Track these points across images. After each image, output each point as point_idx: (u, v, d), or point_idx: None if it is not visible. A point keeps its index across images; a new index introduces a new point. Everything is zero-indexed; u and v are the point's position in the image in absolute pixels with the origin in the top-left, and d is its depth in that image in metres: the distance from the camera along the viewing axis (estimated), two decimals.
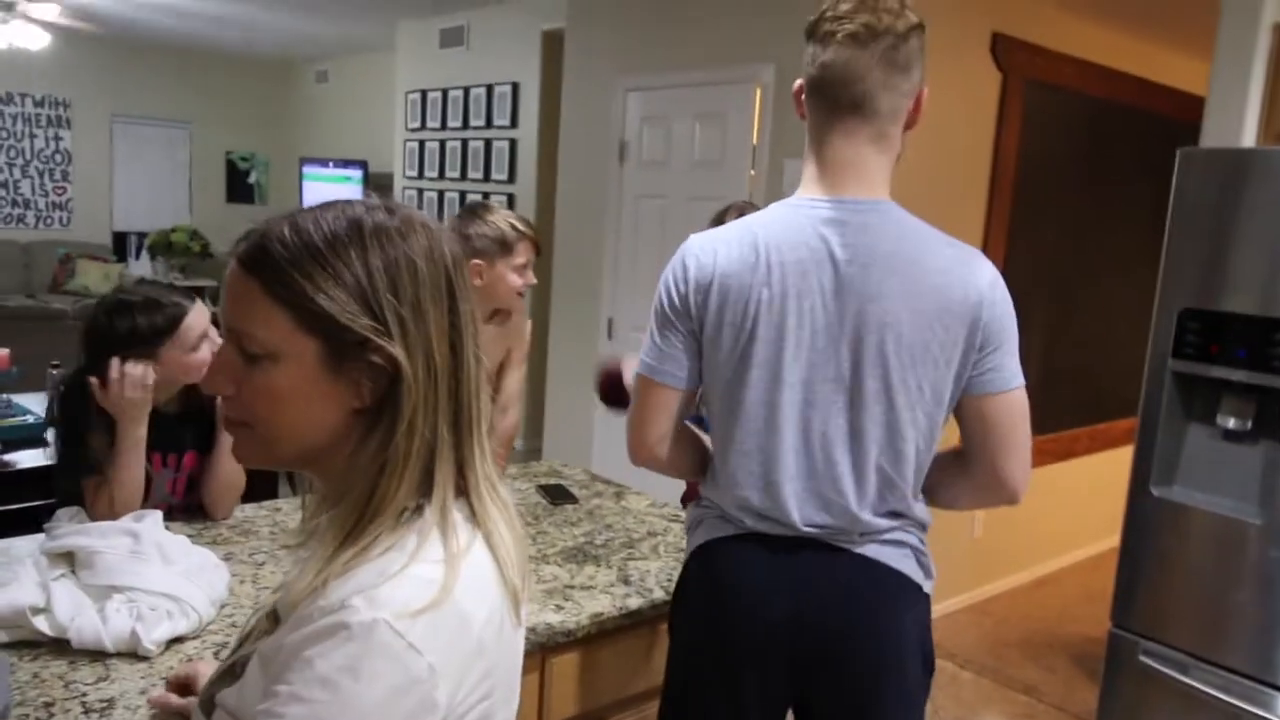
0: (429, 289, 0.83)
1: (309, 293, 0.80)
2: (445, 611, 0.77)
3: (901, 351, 1.34)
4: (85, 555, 1.49)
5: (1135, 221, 4.47)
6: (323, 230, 0.83)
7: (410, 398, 0.81)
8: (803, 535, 1.41)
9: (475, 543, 0.84)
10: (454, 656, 0.78)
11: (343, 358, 0.81)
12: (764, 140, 3.66)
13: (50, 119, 8.58)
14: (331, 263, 0.81)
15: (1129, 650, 2.30)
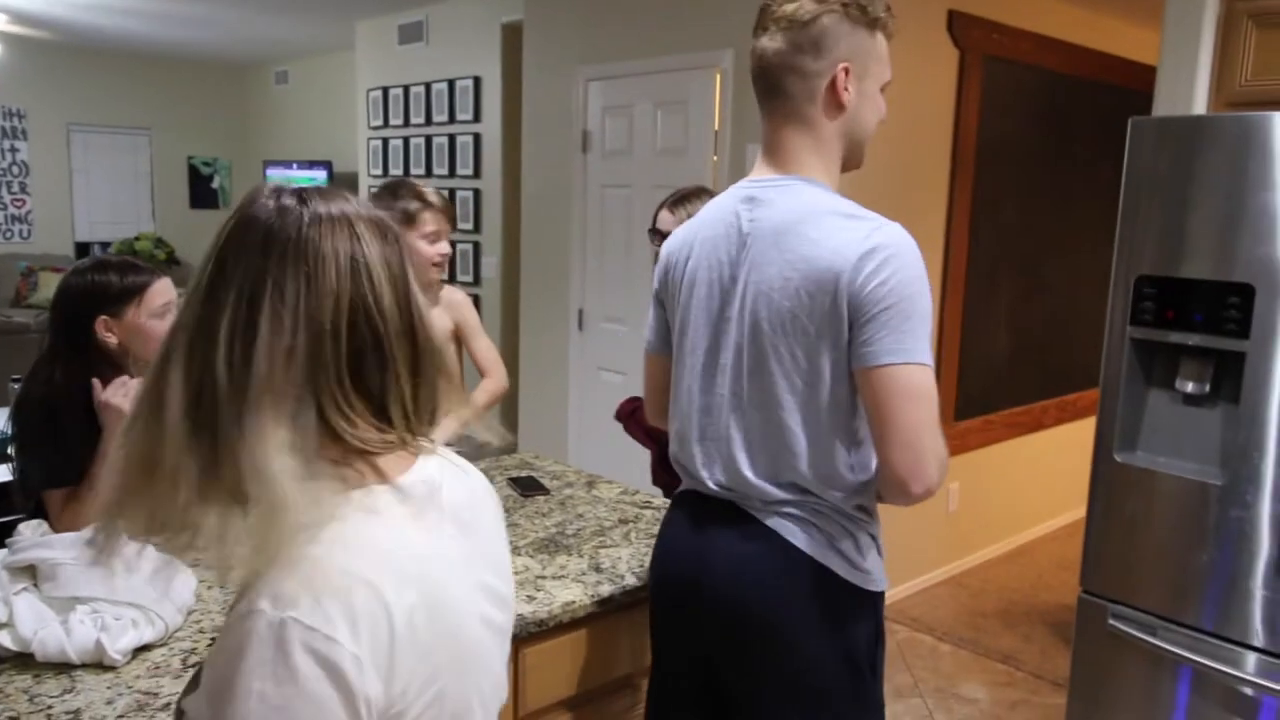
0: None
1: None
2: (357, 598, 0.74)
3: (772, 318, 1.37)
4: (47, 568, 1.48)
5: (1097, 193, 4.52)
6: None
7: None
8: (715, 495, 1.47)
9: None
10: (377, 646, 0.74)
11: None
12: (725, 126, 3.66)
13: (5, 130, 8.45)
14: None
15: (1098, 615, 2.33)
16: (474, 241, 6.09)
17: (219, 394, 0.75)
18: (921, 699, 3.17)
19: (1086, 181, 4.51)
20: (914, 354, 1.29)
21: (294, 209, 0.82)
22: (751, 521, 1.42)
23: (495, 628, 0.90)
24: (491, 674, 0.90)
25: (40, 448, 1.87)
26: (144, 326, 1.90)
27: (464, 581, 0.86)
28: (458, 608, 0.83)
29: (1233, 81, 2.65)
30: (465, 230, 6.14)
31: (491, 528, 0.96)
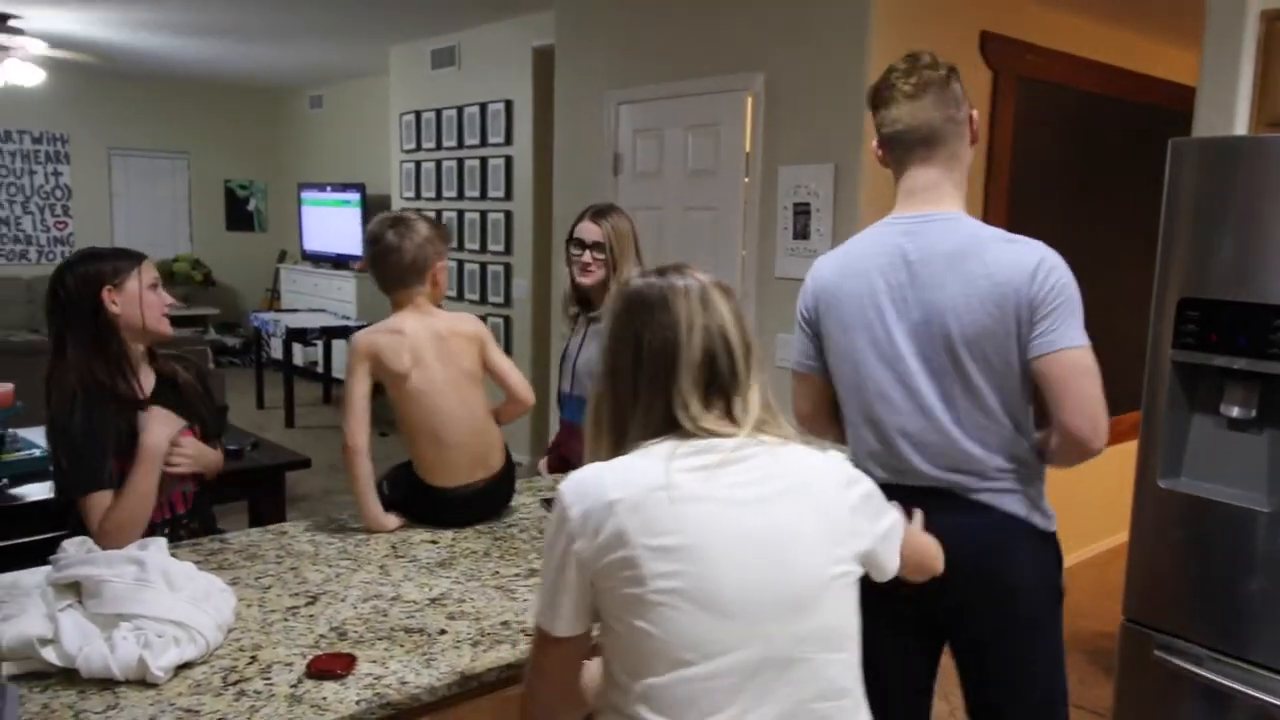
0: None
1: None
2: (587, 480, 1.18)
3: (964, 328, 1.67)
4: (92, 585, 1.49)
5: (1134, 214, 4.47)
6: None
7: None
8: (927, 485, 1.72)
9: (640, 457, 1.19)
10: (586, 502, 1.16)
11: None
12: (757, 148, 3.67)
13: (49, 154, 8.64)
14: None
15: (1142, 645, 2.29)
16: (505, 263, 6.13)
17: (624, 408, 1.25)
18: None
19: (1123, 203, 4.46)
20: (1082, 339, 1.67)
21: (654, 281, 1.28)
22: (964, 500, 1.72)
23: (740, 547, 1.16)
24: (738, 572, 1.15)
25: (67, 455, 1.96)
26: (141, 298, 2.04)
27: (692, 502, 1.15)
28: (670, 514, 1.14)
29: (1274, 102, 2.61)
30: (496, 252, 6.19)
31: (788, 486, 1.21)
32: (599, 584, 1.16)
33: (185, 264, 9.11)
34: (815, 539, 1.19)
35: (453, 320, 2.25)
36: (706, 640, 1.13)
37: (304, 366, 8.34)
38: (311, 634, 1.60)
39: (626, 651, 1.16)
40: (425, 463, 2.18)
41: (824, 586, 1.18)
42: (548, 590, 1.19)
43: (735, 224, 3.78)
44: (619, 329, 1.26)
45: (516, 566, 1.95)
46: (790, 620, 1.16)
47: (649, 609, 1.12)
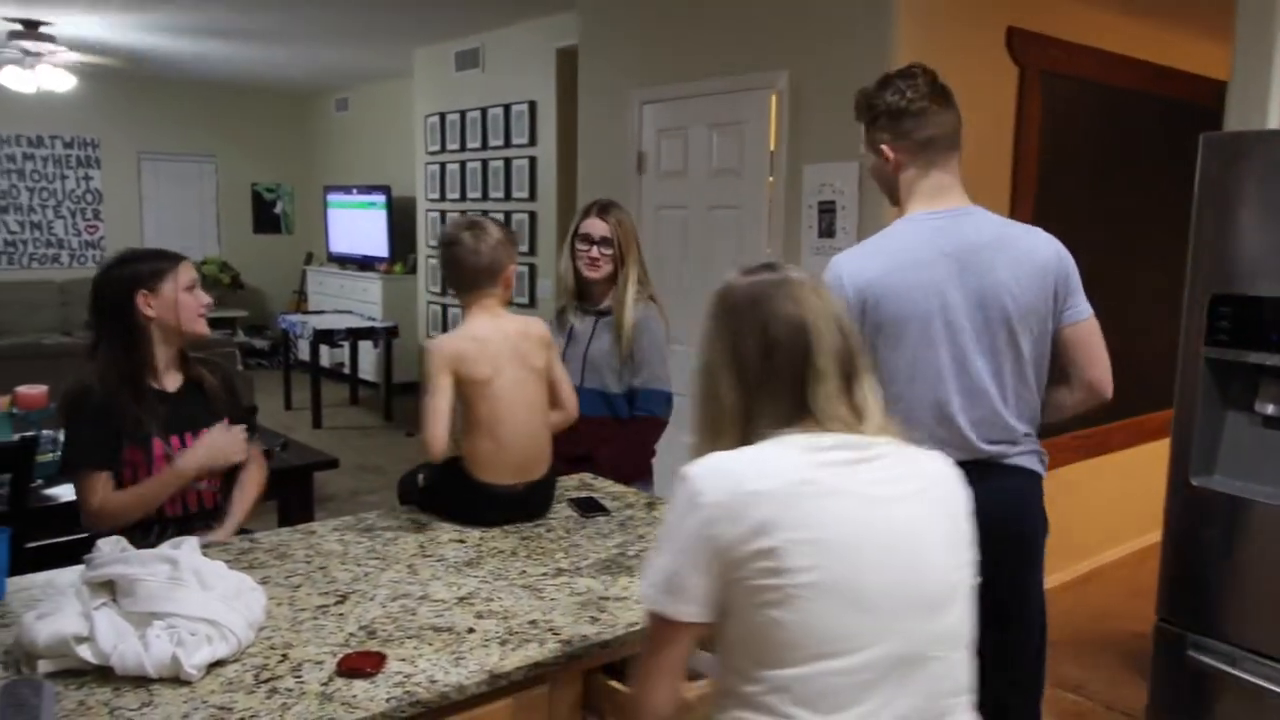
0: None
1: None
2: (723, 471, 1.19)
3: (1017, 306, 1.89)
4: (125, 583, 1.51)
5: (1163, 210, 4.42)
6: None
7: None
8: (975, 458, 1.86)
9: (774, 447, 1.20)
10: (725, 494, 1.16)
11: None
12: (781, 146, 3.66)
13: (80, 159, 8.76)
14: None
15: (1176, 645, 2.26)
16: (530, 264, 6.15)
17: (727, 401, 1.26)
18: None
19: (1152, 200, 4.41)
20: (1090, 308, 1.98)
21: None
22: (1001, 466, 1.93)
23: (879, 546, 1.18)
24: (878, 573, 1.17)
25: (76, 431, 2.08)
26: (177, 300, 2.10)
27: (834, 497, 1.17)
28: (814, 508, 1.16)
29: None
30: (521, 253, 6.20)
31: (919, 487, 1.25)
32: (731, 573, 1.15)
33: (214, 267, 9.20)
34: (945, 542, 1.23)
35: (523, 323, 2.29)
36: (846, 634, 1.14)
37: (331, 368, 8.40)
38: (341, 632, 1.61)
39: (754, 642, 1.16)
40: (477, 458, 2.19)
41: (953, 588, 1.22)
42: (671, 575, 1.18)
43: (760, 223, 3.77)
44: (736, 322, 1.26)
45: (544, 566, 1.95)
46: (924, 619, 1.19)
47: (788, 601, 1.13)
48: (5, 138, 8.34)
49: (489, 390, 2.17)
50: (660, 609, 1.20)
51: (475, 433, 2.19)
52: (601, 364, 2.70)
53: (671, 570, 1.18)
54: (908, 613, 1.17)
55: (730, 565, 1.15)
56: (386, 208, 8.27)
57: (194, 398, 2.19)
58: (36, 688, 1.32)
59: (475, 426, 2.19)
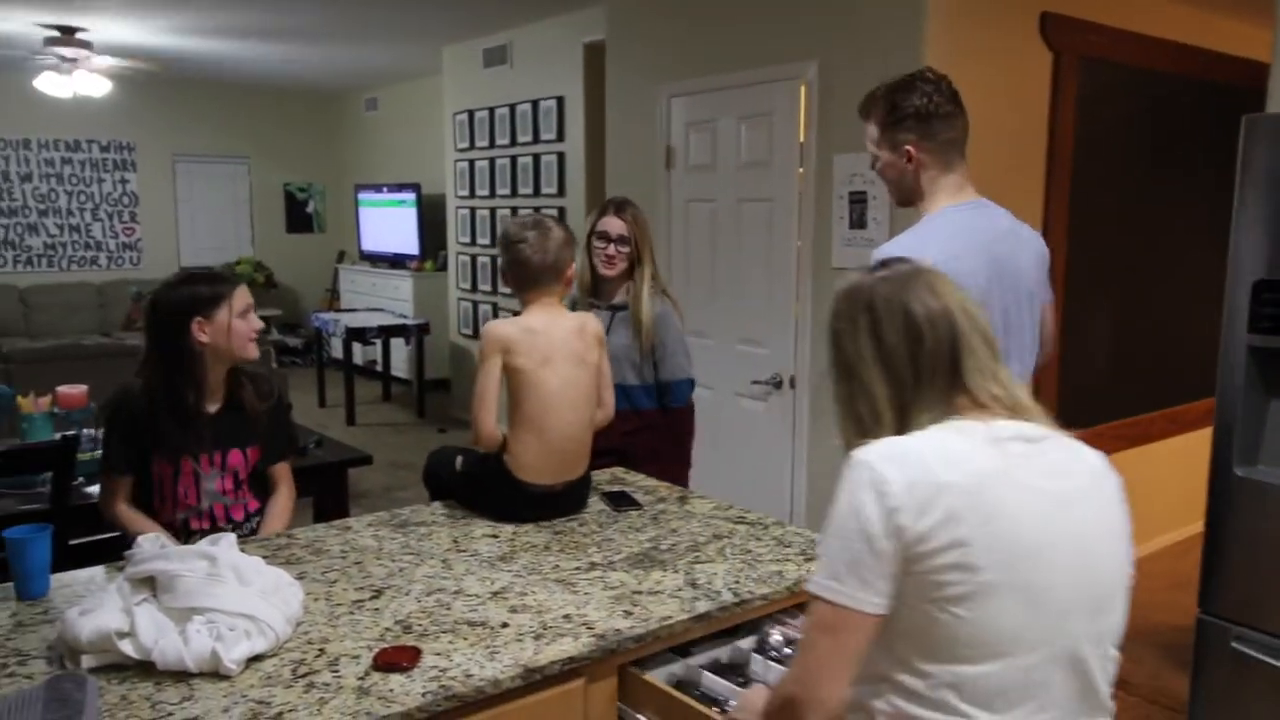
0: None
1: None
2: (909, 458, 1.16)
3: (1034, 286, 2.10)
4: (165, 579, 1.53)
5: (1203, 195, 4.34)
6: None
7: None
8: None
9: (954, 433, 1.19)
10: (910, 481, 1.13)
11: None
12: (811, 137, 3.63)
13: (116, 162, 8.89)
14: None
15: (1220, 637, 2.22)
16: None
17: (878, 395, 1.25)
18: None
19: (1192, 183, 4.33)
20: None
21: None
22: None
23: (1060, 546, 1.16)
24: (1057, 574, 1.15)
25: (109, 435, 2.17)
26: (231, 326, 2.14)
27: (1020, 492, 1.15)
28: (1002, 504, 1.13)
29: None
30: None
31: (1088, 484, 1.23)
32: (913, 565, 1.13)
33: (247, 266, 9.31)
34: (1115, 538, 1.22)
35: (580, 319, 2.31)
36: (1023, 634, 1.13)
37: (364, 365, 8.47)
38: (377, 627, 1.62)
39: (926, 635, 1.15)
40: (520, 457, 2.19)
41: (1119, 586, 1.22)
42: (852, 564, 1.14)
43: (790, 215, 3.74)
44: (876, 316, 1.25)
45: (577, 560, 1.95)
46: (1093, 618, 1.18)
47: (969, 598, 1.11)
48: (44, 142, 8.48)
49: (537, 383, 2.17)
50: (841, 600, 1.15)
51: (521, 429, 2.19)
52: (620, 358, 2.72)
53: (852, 559, 1.14)
54: (1078, 613, 1.17)
55: (914, 557, 1.12)
56: (416, 205, 8.32)
57: (233, 417, 2.23)
58: (80, 682, 1.34)
59: (521, 422, 2.19)
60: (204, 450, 2.18)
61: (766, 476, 3.88)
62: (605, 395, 2.37)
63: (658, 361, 2.79)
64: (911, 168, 2.09)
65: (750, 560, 1.96)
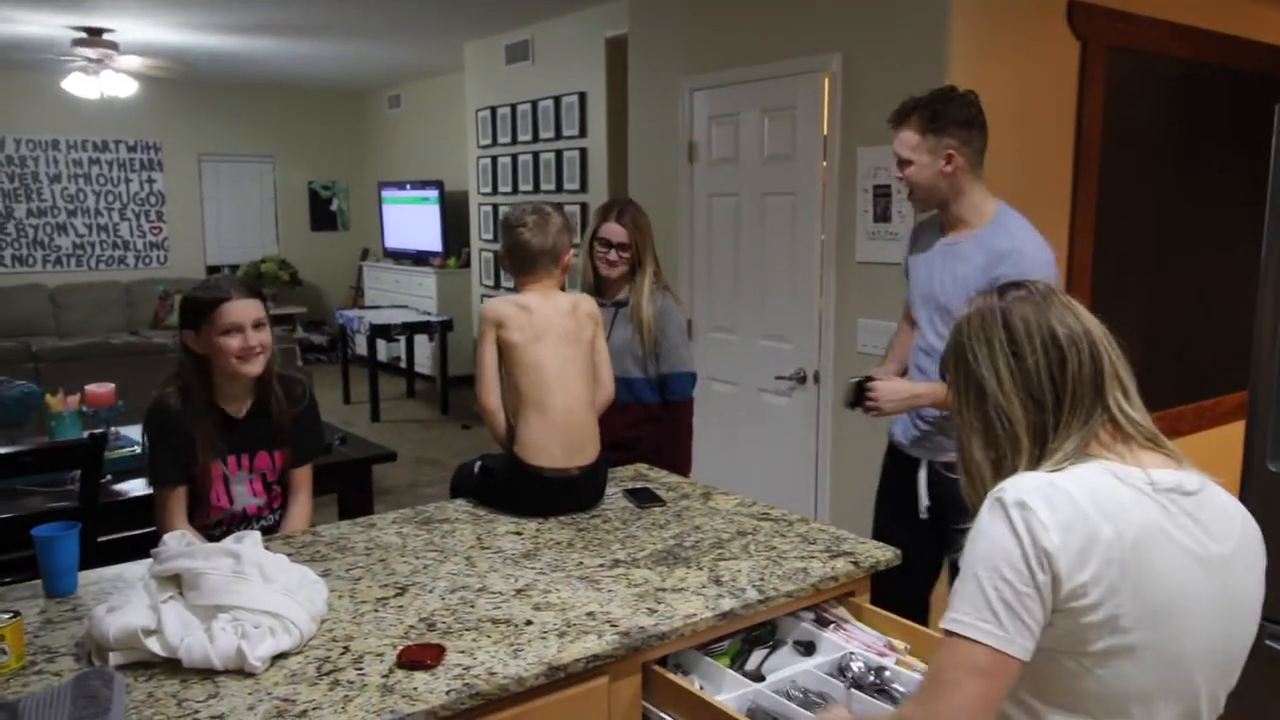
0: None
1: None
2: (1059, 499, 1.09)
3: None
4: (191, 577, 1.54)
5: (1236, 186, 4.27)
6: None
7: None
8: None
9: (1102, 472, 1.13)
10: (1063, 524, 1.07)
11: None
12: (835, 130, 3.60)
13: (143, 162, 8.98)
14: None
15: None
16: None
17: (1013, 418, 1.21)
18: None
19: (1223, 173, 4.26)
20: None
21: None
22: None
23: (1205, 611, 1.13)
24: (1197, 640, 1.12)
25: (153, 448, 2.15)
26: (213, 343, 2.08)
27: (1175, 553, 1.11)
28: (1157, 563, 1.09)
29: None
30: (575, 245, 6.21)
31: (1237, 545, 1.18)
32: (1059, 616, 1.08)
33: (273, 264, 9.37)
34: (1254, 605, 1.19)
35: (574, 299, 2.37)
36: (1155, 695, 1.11)
37: (388, 362, 8.51)
38: (401, 625, 1.62)
39: (1053, 681, 1.12)
40: (527, 439, 2.21)
41: (1248, 650, 1.19)
42: (1007, 607, 1.07)
43: (814, 208, 3.72)
44: (1016, 339, 1.20)
45: (601, 557, 1.95)
46: (1220, 681, 1.17)
47: (1112, 655, 1.08)
48: (73, 143, 8.58)
49: (533, 361, 2.22)
50: (999, 644, 1.08)
51: (524, 409, 2.23)
52: (623, 353, 2.80)
53: (1006, 601, 1.07)
54: (1211, 677, 1.15)
55: (1064, 608, 1.07)
56: (439, 202, 8.34)
57: (261, 420, 2.22)
58: (108, 679, 1.35)
59: (523, 403, 2.23)
60: (232, 452, 2.18)
61: (790, 472, 3.86)
62: (603, 374, 2.41)
63: (659, 355, 2.84)
64: (950, 169, 2.28)
65: (775, 557, 1.94)
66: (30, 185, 8.45)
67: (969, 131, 2.28)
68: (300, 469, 2.31)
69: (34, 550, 1.75)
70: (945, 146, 2.26)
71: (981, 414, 1.22)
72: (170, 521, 2.11)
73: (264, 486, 2.24)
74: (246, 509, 2.22)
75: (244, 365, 2.10)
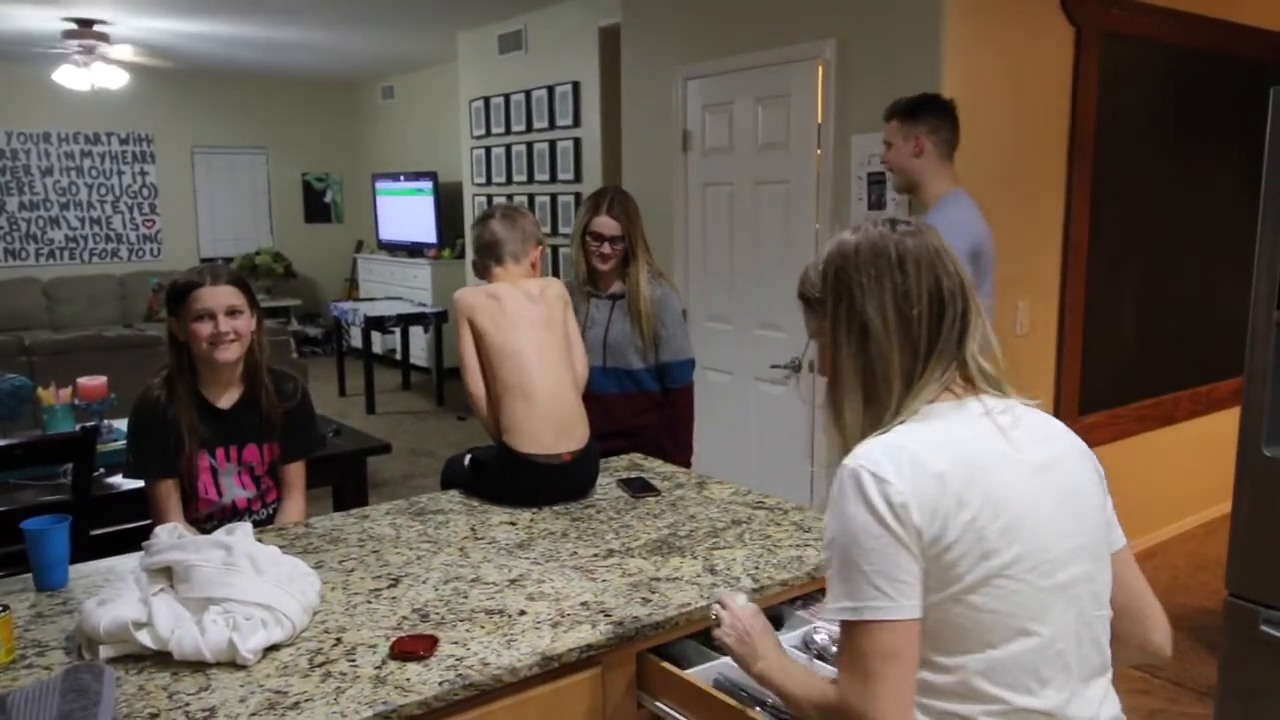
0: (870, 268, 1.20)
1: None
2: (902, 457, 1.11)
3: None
4: (182, 569, 1.53)
5: (1230, 172, 4.26)
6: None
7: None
8: None
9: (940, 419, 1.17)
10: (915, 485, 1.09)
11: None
12: (829, 118, 3.59)
13: (135, 154, 8.94)
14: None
15: (1248, 620, 2.19)
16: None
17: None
18: None
19: (1218, 160, 4.25)
20: None
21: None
22: None
23: (1053, 508, 1.16)
24: (1058, 537, 1.15)
25: (136, 441, 2.15)
26: (188, 328, 2.10)
27: (1013, 467, 1.14)
28: (999, 483, 1.12)
29: None
30: (567, 235, 6.20)
31: (1064, 445, 1.23)
32: (930, 564, 1.10)
33: (267, 257, 9.35)
34: (1096, 495, 1.23)
35: (541, 283, 2.41)
36: (1043, 608, 1.13)
37: (383, 354, 8.50)
38: (394, 616, 1.62)
39: (948, 629, 1.12)
40: (514, 426, 2.22)
41: (1105, 542, 1.22)
42: (885, 576, 1.09)
43: (808, 197, 3.71)
44: (904, 278, 1.18)
45: (595, 547, 1.94)
46: (1093, 579, 1.18)
47: (987, 582, 1.10)
48: (64, 136, 8.54)
49: (509, 348, 2.24)
50: (894, 614, 1.09)
51: (508, 397, 2.24)
52: (623, 344, 2.81)
53: (881, 569, 1.09)
54: (1084, 576, 1.16)
55: (929, 553, 1.09)
56: (434, 194, 8.32)
57: (247, 413, 2.20)
58: (98, 673, 1.34)
59: (506, 390, 2.24)
60: (219, 444, 2.17)
61: (785, 461, 3.85)
62: (575, 354, 2.44)
63: (659, 344, 2.84)
64: (918, 153, 2.69)
65: (769, 546, 1.94)
66: (22, 178, 8.41)
67: (938, 121, 2.68)
68: (293, 466, 2.30)
69: (24, 544, 1.74)
70: (916, 133, 2.68)
71: (861, 352, 1.20)
72: (163, 515, 2.11)
73: (253, 480, 2.23)
74: (236, 502, 2.21)
75: (215, 351, 2.09)
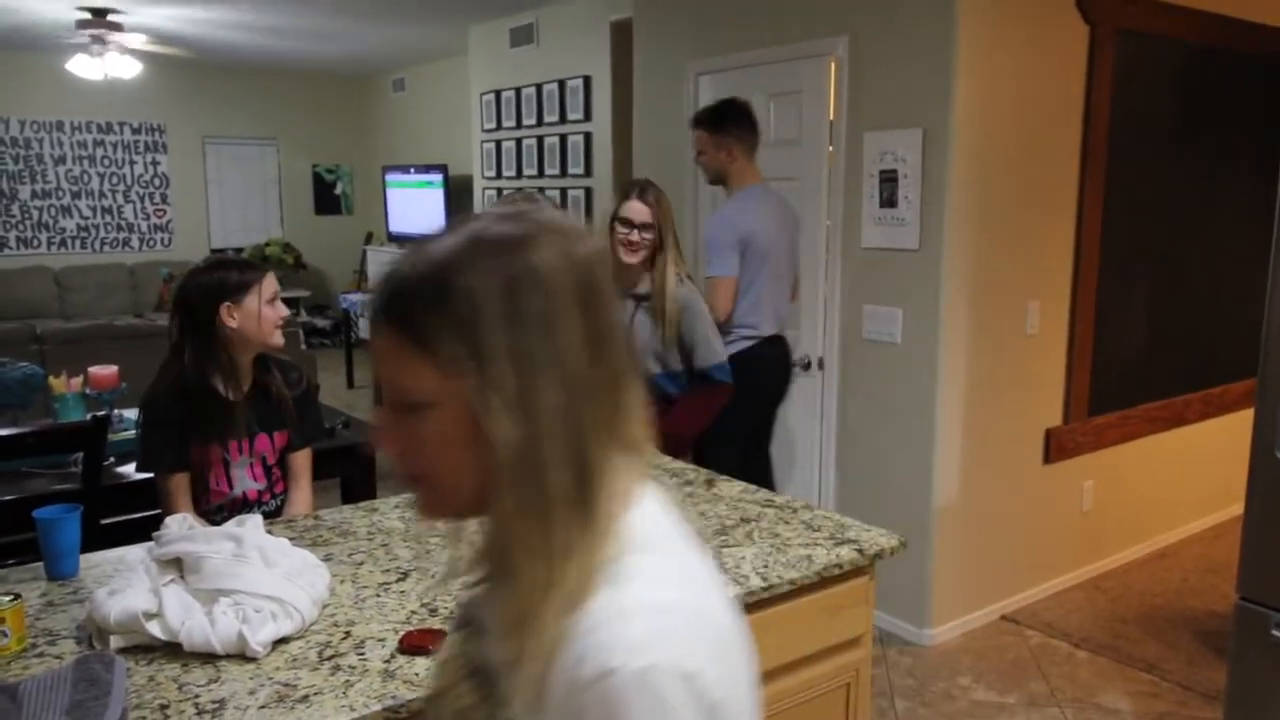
0: (558, 300, 0.74)
1: (439, 334, 0.73)
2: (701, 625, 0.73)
3: (798, 248, 3.38)
4: (192, 560, 1.54)
5: (1245, 172, 4.23)
6: (437, 256, 0.76)
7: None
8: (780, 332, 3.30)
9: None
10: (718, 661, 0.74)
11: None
12: (841, 115, 3.57)
13: (147, 144, 8.96)
14: (446, 294, 0.74)
15: (1259, 624, 2.17)
16: None
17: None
18: (1059, 709, 3.03)
19: (1232, 158, 4.23)
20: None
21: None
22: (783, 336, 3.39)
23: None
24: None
25: (148, 435, 2.16)
26: (261, 312, 2.15)
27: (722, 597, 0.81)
28: (728, 620, 0.79)
29: None
30: None
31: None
32: None
33: (276, 248, 9.36)
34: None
35: None
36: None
37: None
38: (403, 610, 1.62)
39: None
40: None
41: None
42: None
43: (819, 194, 3.69)
44: (596, 302, 0.77)
45: None
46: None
47: None
48: (77, 125, 8.56)
49: None
50: None
51: None
52: (647, 353, 2.74)
53: None
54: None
55: None
56: (444, 186, 8.32)
57: (259, 404, 2.23)
58: (108, 663, 1.35)
59: None
60: (233, 436, 2.19)
61: (795, 459, 3.85)
62: None
63: (690, 350, 2.76)
64: (730, 160, 3.25)
65: (779, 544, 1.93)
66: (35, 167, 8.43)
67: (742, 130, 3.23)
68: (299, 454, 2.32)
69: (36, 532, 1.74)
70: (727, 144, 3.22)
71: (530, 438, 0.74)
72: (173, 508, 2.12)
73: (264, 470, 2.24)
74: (246, 494, 2.22)
75: (279, 335, 2.20)
